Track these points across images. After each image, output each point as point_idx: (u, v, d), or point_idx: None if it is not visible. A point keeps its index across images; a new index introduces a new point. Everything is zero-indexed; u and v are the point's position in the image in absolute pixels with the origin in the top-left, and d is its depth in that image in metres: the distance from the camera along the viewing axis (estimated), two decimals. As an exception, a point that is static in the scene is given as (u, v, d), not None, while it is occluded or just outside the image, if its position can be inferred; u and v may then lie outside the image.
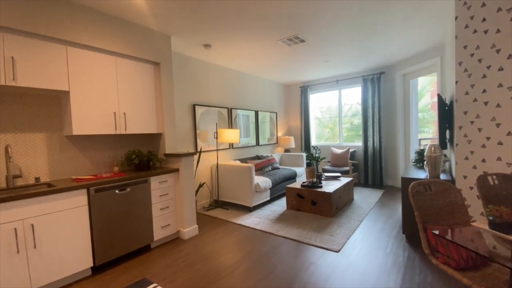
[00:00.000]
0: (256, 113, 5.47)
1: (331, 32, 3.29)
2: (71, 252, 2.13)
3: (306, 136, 6.44)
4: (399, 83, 5.01)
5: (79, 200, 2.18)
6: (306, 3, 2.53)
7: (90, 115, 2.48)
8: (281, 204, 4.20)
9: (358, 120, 6.01)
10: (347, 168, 5.38)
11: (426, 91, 5.16)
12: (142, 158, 2.86)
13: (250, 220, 3.48)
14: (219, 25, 2.98)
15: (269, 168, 4.80)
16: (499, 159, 1.97)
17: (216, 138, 4.15)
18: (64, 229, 2.09)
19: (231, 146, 4.77)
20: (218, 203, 4.20)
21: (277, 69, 5.13)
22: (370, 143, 5.45)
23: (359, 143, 5.87)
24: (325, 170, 5.51)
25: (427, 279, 2.03)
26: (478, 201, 2.13)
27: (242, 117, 5.12)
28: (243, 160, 4.75)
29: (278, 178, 4.45)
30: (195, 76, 4.12)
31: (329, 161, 5.99)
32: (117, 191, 2.44)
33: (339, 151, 5.72)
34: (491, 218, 1.17)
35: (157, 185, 2.77)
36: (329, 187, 3.82)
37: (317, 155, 4.35)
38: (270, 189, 4.23)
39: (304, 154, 5.60)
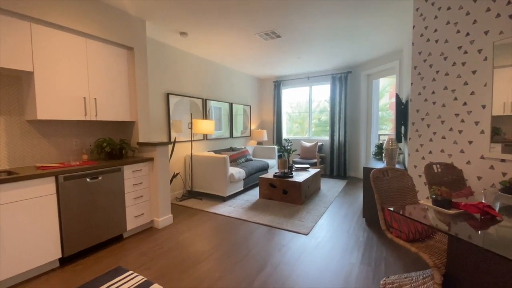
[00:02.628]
0: (231, 105, 5.52)
1: (305, 29, 3.47)
2: (38, 243, 2.03)
3: (278, 129, 6.66)
4: (364, 83, 5.44)
5: (46, 189, 2.07)
6: None
7: (57, 99, 2.34)
8: (254, 194, 4.36)
9: (325, 116, 6.39)
10: (315, 160, 5.73)
11: (385, 91, 5.68)
12: (114, 146, 2.77)
13: (225, 209, 3.58)
14: (196, 13, 2.97)
15: (243, 159, 4.91)
16: (442, 151, 2.33)
17: (191, 128, 4.12)
18: (30, 219, 1.97)
19: (205, 137, 4.77)
20: (191, 194, 4.21)
21: (252, 63, 5.21)
22: (336, 138, 5.85)
23: (326, 137, 6.26)
24: (295, 162, 5.80)
25: (382, 255, 2.33)
26: (425, 187, 2.49)
27: (216, 109, 5.13)
28: (217, 152, 4.79)
29: (251, 169, 4.58)
30: (170, 64, 4.02)
31: (298, 154, 6.30)
32: (88, 180, 2.35)
33: (308, 144, 6.04)
34: (434, 196, 1.43)
35: (130, 174, 2.72)
36: (299, 177, 4.07)
37: (288, 147, 4.57)
38: (243, 179, 4.35)
39: (276, 147, 5.81)
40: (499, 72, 1.91)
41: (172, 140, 4.01)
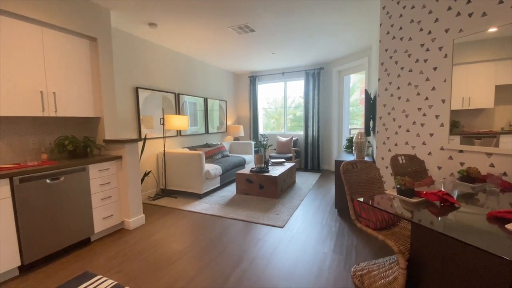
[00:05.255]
0: (205, 100, 5.39)
1: (278, 25, 3.47)
2: (-10, 252, 1.84)
3: (255, 125, 6.66)
4: (335, 79, 5.61)
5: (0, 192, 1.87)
6: (257, -7, 2.61)
7: (10, 94, 2.11)
8: (231, 190, 4.33)
9: (300, 112, 6.50)
10: (291, 154, 5.83)
11: (356, 87, 5.90)
12: (78, 145, 2.58)
13: (200, 206, 3.51)
14: (166, 4, 2.83)
15: (219, 155, 4.85)
16: (407, 143, 2.47)
17: (163, 124, 3.97)
18: (-21, 226, 1.78)
19: (178, 133, 4.62)
20: (165, 192, 4.08)
21: (227, 57, 5.12)
22: (310, 132, 5.99)
23: (300, 132, 6.38)
24: (271, 157, 5.86)
25: (353, 243, 2.44)
26: (392, 178, 2.64)
27: (191, 104, 4.99)
28: (192, 148, 4.68)
29: (228, 165, 4.54)
30: (139, 57, 3.81)
31: (275, 149, 6.36)
32: (48, 181, 2.17)
33: (283, 139, 6.12)
34: (398, 186, 1.51)
35: (96, 173, 2.55)
36: (275, 171, 4.11)
37: (264, 142, 4.59)
38: (220, 176, 4.30)
39: (253, 142, 5.81)
40: (459, 69, 2.05)
41: (143, 137, 3.84)
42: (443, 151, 2.20)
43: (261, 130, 6.89)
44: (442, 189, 1.44)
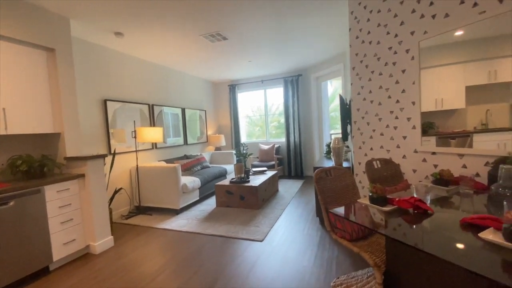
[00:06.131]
0: (183, 110, 5.23)
1: (251, 32, 3.42)
2: None
3: (236, 134, 6.55)
4: (313, 85, 5.63)
5: None
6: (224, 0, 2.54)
7: None
8: (210, 203, 4.15)
9: (284, 119, 6.46)
10: (273, 162, 5.73)
11: (337, 93, 5.95)
12: (32, 164, 2.35)
13: (177, 223, 3.31)
14: (131, 12, 2.70)
15: (198, 167, 4.67)
16: (381, 147, 2.43)
17: (135, 137, 3.77)
18: None
19: (154, 146, 4.42)
20: (140, 209, 3.84)
21: (204, 66, 5.02)
22: (291, 139, 5.94)
23: (283, 139, 6.32)
24: (254, 166, 5.73)
25: (334, 254, 2.34)
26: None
27: (168, 115, 4.82)
28: (169, 161, 4.48)
29: (207, 176, 4.37)
30: (106, 68, 3.63)
31: (257, 157, 6.25)
32: (-7, 207, 1.93)
33: (266, 147, 6.04)
34: (370, 194, 1.43)
35: (54, 195, 2.33)
36: (255, 181, 3.99)
37: (244, 151, 4.47)
38: (199, 188, 4.12)
39: (234, 152, 5.68)
40: (431, 72, 2.04)
41: (113, 151, 3.62)
42: (417, 153, 2.17)
43: (243, 139, 6.78)
44: (414, 195, 1.37)
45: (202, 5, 2.62)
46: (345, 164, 3.13)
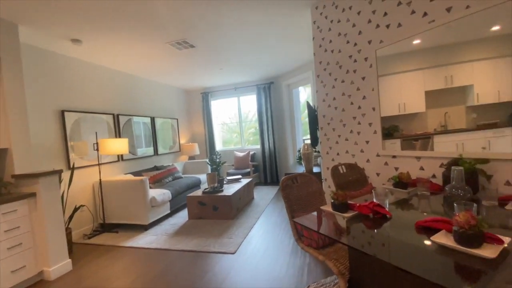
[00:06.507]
0: (152, 119, 5.04)
1: (219, 40, 3.39)
2: None
3: (211, 142, 6.43)
4: (285, 92, 5.73)
5: None
6: (188, 8, 2.49)
7: None
8: (183, 216, 3.98)
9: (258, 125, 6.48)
10: (249, 169, 5.69)
11: (310, 100, 6.09)
12: (-28, 185, 2.10)
13: (145, 240, 3.12)
14: (87, 19, 2.56)
15: (170, 178, 4.49)
16: (347, 152, 2.49)
17: (97, 150, 3.54)
18: None
19: (120, 158, 4.19)
20: (105, 227, 3.58)
21: (174, 74, 4.90)
22: (266, 146, 5.96)
23: (258, 146, 6.32)
24: (229, 174, 5.64)
25: (306, 261, 2.32)
26: (338, 187, 2.63)
27: (140, 124, 4.62)
28: (137, 173, 4.26)
29: (179, 188, 4.21)
30: (64, 77, 3.39)
31: (233, 165, 6.17)
32: None
33: (241, 154, 5.99)
34: (332, 201, 1.43)
35: (-1, 218, 2.08)
36: (229, 190, 3.91)
37: (217, 160, 4.38)
38: (170, 201, 3.94)
39: (207, 161, 5.56)
40: (393, 78, 2.12)
41: (72, 166, 3.36)
42: (379, 157, 2.24)
43: (219, 147, 6.68)
44: (374, 200, 1.40)
45: (165, 13, 2.56)
46: (316, 169, 3.17)
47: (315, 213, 1.49)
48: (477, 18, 1.59)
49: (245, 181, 4.57)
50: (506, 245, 0.89)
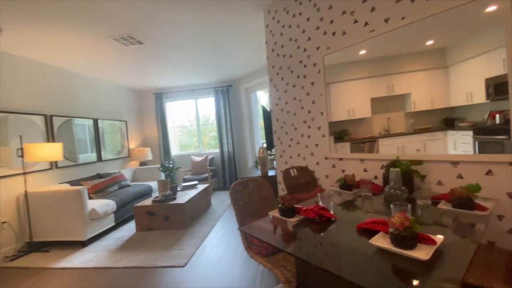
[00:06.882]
0: (95, 121, 4.54)
1: (170, 38, 3.20)
2: None
3: (166, 146, 6.07)
4: (244, 96, 5.70)
5: None
6: (132, 2, 2.28)
7: None
8: (130, 228, 3.63)
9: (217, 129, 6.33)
10: (207, 174, 5.49)
11: (266, 104, 6.17)
12: None
13: (81, 258, 2.74)
14: (8, 4, 2.17)
15: (115, 187, 4.07)
16: (299, 155, 2.52)
17: (21, 156, 3.02)
18: None
19: (54, 165, 3.66)
20: (32, 246, 3.06)
21: (120, 72, 4.49)
22: (225, 149, 5.84)
23: (217, 150, 6.16)
24: (185, 180, 5.36)
25: (259, 268, 2.26)
26: (292, 190, 2.64)
27: (79, 127, 4.11)
28: (75, 182, 3.75)
29: (126, 197, 3.84)
30: (-24, 70, 2.84)
31: (190, 170, 5.90)
32: None
33: (198, 159, 5.75)
34: (279, 205, 1.40)
35: None
36: (183, 197, 3.68)
37: (170, 165, 4.12)
38: (114, 212, 3.56)
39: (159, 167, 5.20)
40: (343, 85, 2.21)
41: (-10, 176, 2.81)
42: (328, 160, 2.31)
43: (175, 151, 6.33)
44: (320, 203, 1.40)
45: (106, 6, 2.30)
46: (271, 173, 3.17)
47: (266, 218, 1.44)
48: (413, 32, 1.74)
49: (201, 187, 4.37)
50: (437, 246, 0.92)
